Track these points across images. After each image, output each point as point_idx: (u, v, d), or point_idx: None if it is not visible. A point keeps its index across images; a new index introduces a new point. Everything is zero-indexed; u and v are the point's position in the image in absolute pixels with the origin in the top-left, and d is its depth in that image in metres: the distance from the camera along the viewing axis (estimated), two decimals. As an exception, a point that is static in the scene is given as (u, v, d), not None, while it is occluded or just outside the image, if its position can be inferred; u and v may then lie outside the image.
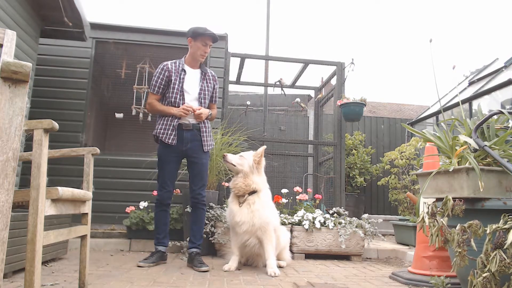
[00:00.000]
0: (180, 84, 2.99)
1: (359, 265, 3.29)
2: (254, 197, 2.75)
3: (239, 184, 2.77)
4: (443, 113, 4.03)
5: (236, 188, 2.79)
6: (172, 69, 3.01)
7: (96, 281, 2.20)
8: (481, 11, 64.96)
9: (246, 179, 2.77)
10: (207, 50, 3.05)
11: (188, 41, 3.05)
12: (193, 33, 3.00)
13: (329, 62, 4.81)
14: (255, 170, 2.81)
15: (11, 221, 1.25)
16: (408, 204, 5.15)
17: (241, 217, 2.71)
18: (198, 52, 3.02)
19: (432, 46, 2.32)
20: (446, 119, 2.38)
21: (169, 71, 3.00)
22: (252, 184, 2.76)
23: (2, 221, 1.04)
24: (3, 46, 1.36)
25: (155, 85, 3.03)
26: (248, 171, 2.78)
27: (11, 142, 1.07)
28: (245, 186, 2.76)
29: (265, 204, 2.76)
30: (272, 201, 3.04)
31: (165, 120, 2.99)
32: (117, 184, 4.43)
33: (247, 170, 2.78)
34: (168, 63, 3.06)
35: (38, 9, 3.74)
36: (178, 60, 3.10)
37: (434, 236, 1.82)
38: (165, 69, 3.02)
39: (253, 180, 2.77)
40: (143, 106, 5.25)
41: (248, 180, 2.77)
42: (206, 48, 3.03)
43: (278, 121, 6.84)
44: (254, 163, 2.81)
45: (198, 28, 3.00)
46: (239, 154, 2.90)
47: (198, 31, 2.99)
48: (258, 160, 2.82)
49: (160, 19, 60.24)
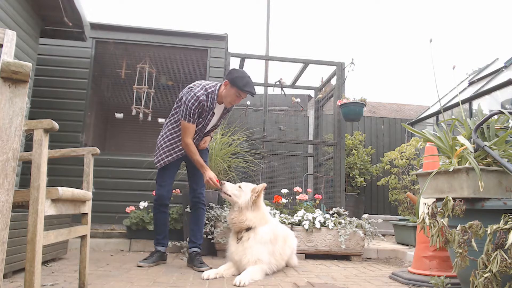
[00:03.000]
0: (205, 124, 2.94)
1: (359, 265, 3.29)
2: (249, 233, 2.63)
3: (234, 219, 2.66)
4: (443, 113, 4.03)
5: (231, 224, 2.70)
6: (205, 107, 2.86)
7: (96, 281, 2.20)
8: (481, 11, 64.97)
9: (240, 214, 2.64)
10: (237, 101, 2.91)
11: (224, 83, 2.86)
12: (232, 80, 2.81)
13: (329, 62, 4.81)
14: (250, 207, 2.66)
15: (11, 221, 1.25)
16: (408, 204, 5.15)
17: (235, 254, 2.61)
18: (229, 99, 2.88)
19: (432, 46, 2.32)
20: (446, 119, 2.38)
21: (203, 109, 2.86)
22: (245, 221, 2.62)
23: (2, 221, 1.04)
24: (3, 46, 1.36)
25: (191, 117, 2.82)
26: (243, 207, 2.65)
27: (11, 142, 1.07)
28: (239, 223, 2.64)
29: (259, 241, 2.60)
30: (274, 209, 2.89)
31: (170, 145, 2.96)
32: (117, 184, 4.43)
33: (242, 205, 2.65)
34: (203, 97, 2.82)
35: (38, 9, 3.74)
36: (212, 94, 2.87)
37: (435, 237, 1.82)
38: (201, 105, 2.83)
39: (247, 216, 2.63)
40: (143, 106, 5.25)
41: (242, 216, 2.64)
42: (238, 99, 2.89)
43: (278, 121, 6.84)
44: (250, 200, 2.67)
45: (240, 78, 2.81)
46: (238, 184, 2.78)
47: (238, 82, 2.80)
48: (255, 198, 2.68)
49: (160, 19, 60.25)
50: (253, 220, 2.64)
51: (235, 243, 2.64)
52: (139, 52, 5.15)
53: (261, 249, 2.58)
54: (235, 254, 2.61)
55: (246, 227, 2.63)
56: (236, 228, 2.67)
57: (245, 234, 2.63)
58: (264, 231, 2.64)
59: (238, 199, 2.68)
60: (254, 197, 2.67)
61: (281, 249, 2.78)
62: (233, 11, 55.40)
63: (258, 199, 2.70)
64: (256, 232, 2.62)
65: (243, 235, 2.63)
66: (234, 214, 2.67)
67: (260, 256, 2.55)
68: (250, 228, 2.63)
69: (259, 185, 2.72)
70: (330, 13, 61.50)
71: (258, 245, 2.58)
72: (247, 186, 2.73)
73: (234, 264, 2.62)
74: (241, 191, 2.71)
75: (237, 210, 2.67)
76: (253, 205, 2.67)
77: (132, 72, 5.26)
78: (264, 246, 2.61)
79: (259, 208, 2.71)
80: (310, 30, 53.47)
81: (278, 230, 2.82)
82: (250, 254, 2.54)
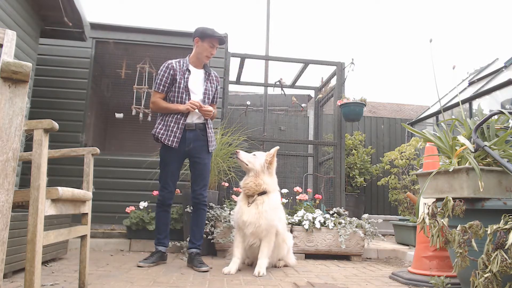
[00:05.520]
0: (185, 84, 2.97)
1: (359, 265, 3.29)
2: (263, 197, 2.71)
3: (250, 183, 2.73)
4: (443, 113, 4.03)
5: (246, 188, 2.75)
6: (177, 68, 2.98)
7: (96, 281, 2.20)
8: (481, 11, 64.97)
9: (257, 178, 2.73)
10: (213, 52, 3.02)
11: (195, 41, 3.01)
12: (201, 33, 2.97)
13: (329, 62, 4.80)
14: (266, 170, 2.76)
15: (11, 221, 1.25)
16: (408, 204, 5.15)
17: (249, 217, 2.66)
18: (204, 53, 3.00)
19: (432, 46, 2.32)
20: (446, 119, 2.38)
21: (174, 69, 2.97)
22: (262, 184, 2.72)
23: (2, 221, 1.03)
24: (3, 46, 1.36)
25: (160, 83, 2.98)
26: (259, 171, 2.75)
27: (11, 142, 1.07)
28: (255, 186, 2.72)
29: (273, 206, 2.71)
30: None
31: (166, 121, 2.96)
32: (117, 184, 4.42)
33: (259, 169, 2.75)
34: (172, 61, 3.02)
35: (38, 9, 3.73)
36: (182, 59, 3.07)
37: (435, 237, 1.82)
38: (170, 67, 2.98)
39: (264, 180, 2.73)
40: (143, 106, 5.25)
41: (258, 179, 2.73)
42: (212, 50, 3.01)
43: (278, 121, 6.84)
44: (265, 163, 2.77)
45: (207, 29, 2.97)
46: (253, 153, 2.86)
47: (207, 32, 2.96)
48: (270, 160, 2.78)
49: (160, 19, 60.24)
50: (269, 185, 2.76)
51: (246, 206, 2.72)
52: (139, 52, 5.14)
53: (274, 214, 2.71)
54: (247, 216, 2.67)
55: (262, 190, 2.73)
56: (250, 192, 2.74)
57: (259, 198, 2.72)
58: (277, 197, 2.80)
59: (254, 166, 2.78)
60: (269, 159, 2.78)
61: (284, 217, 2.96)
62: (233, 11, 55.41)
63: (272, 164, 2.81)
64: (270, 197, 2.74)
65: (257, 199, 2.71)
66: (250, 179, 2.77)
67: (273, 222, 2.70)
68: (264, 192, 2.73)
69: (272, 149, 2.84)
70: (330, 13, 61.52)
71: (272, 210, 2.70)
72: (260, 153, 2.86)
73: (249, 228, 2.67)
74: (256, 158, 2.81)
75: (253, 175, 2.77)
76: (268, 169, 2.79)
77: (132, 72, 5.26)
78: (276, 211, 2.74)
79: (272, 174, 2.82)
80: (310, 30, 53.49)
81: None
82: (264, 218, 2.65)
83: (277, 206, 2.77)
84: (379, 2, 57.63)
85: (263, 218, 2.64)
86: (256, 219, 2.65)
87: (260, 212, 2.65)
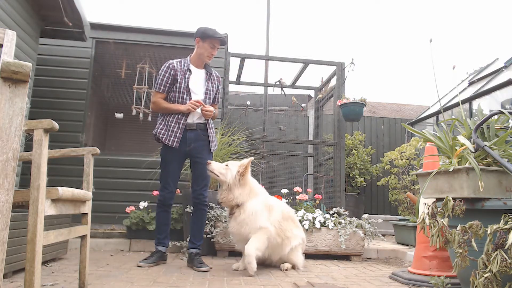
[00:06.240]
0: (186, 84, 2.96)
1: (359, 265, 3.29)
2: (240, 209, 2.70)
3: (223, 198, 2.72)
4: (443, 113, 4.03)
5: (222, 202, 2.77)
6: (177, 68, 2.98)
7: (96, 281, 2.20)
8: (481, 11, 64.98)
9: (228, 193, 2.69)
10: (214, 52, 3.02)
11: (196, 41, 3.02)
12: (202, 33, 2.97)
13: (329, 62, 4.81)
14: (238, 183, 2.68)
15: (11, 221, 1.25)
16: (408, 204, 5.15)
17: (231, 228, 2.74)
18: (205, 53, 3.00)
19: (432, 46, 2.32)
20: (446, 119, 2.38)
21: (175, 69, 2.97)
22: (234, 199, 2.67)
23: (2, 221, 1.04)
24: (3, 46, 1.36)
25: (161, 84, 2.98)
26: (231, 184, 2.68)
27: (11, 142, 1.07)
28: (227, 201, 2.71)
29: (251, 213, 2.66)
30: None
31: (167, 121, 2.95)
32: (117, 184, 4.43)
33: (230, 182, 2.69)
34: (173, 61, 3.02)
35: (38, 9, 3.74)
36: (183, 59, 3.07)
37: (435, 237, 1.82)
38: (171, 67, 2.98)
39: (235, 194, 2.67)
40: (143, 106, 5.25)
41: (230, 194, 2.68)
42: (213, 50, 3.01)
43: (278, 121, 6.84)
44: (237, 175, 2.69)
45: (208, 29, 2.97)
46: (225, 163, 2.81)
47: (208, 32, 2.95)
48: (243, 172, 2.70)
49: (160, 19, 60.27)
50: (240, 197, 2.70)
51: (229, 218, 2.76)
52: (139, 52, 5.14)
53: (255, 219, 2.65)
54: (232, 228, 2.74)
55: (235, 204, 2.70)
56: (225, 205, 2.77)
57: (236, 210, 2.72)
58: (253, 204, 2.71)
59: (225, 178, 2.72)
60: (242, 170, 2.70)
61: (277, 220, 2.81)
62: (233, 11, 55.42)
63: (245, 174, 2.73)
64: (246, 207, 2.69)
65: (235, 211, 2.72)
66: (224, 193, 2.73)
67: (258, 224, 2.65)
68: (239, 204, 2.70)
69: (244, 160, 2.77)
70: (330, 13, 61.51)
71: (250, 217, 2.65)
72: (233, 164, 2.77)
73: (234, 238, 2.76)
74: (228, 169, 2.74)
75: (226, 189, 2.73)
76: (241, 180, 2.71)
77: (132, 72, 5.26)
78: (258, 215, 2.67)
79: (246, 183, 2.74)
80: (310, 30, 53.49)
81: (273, 202, 2.90)
82: (245, 228, 2.65)
83: (257, 211, 2.67)
84: (379, 2, 57.64)
85: (243, 228, 2.67)
86: (237, 230, 2.70)
87: (239, 223, 2.67)
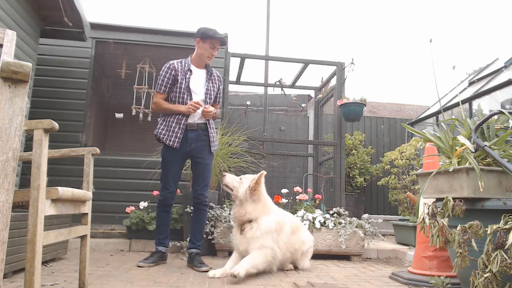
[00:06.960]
0: (186, 84, 2.96)
1: (359, 265, 3.29)
2: (252, 224, 2.62)
3: (236, 214, 2.66)
4: (443, 113, 4.03)
5: (234, 217, 2.72)
6: (178, 69, 2.98)
7: (96, 281, 2.20)
8: (481, 11, 64.98)
9: (240, 208, 2.64)
10: (214, 53, 3.02)
11: (196, 41, 3.02)
12: (202, 34, 2.97)
13: (329, 62, 4.80)
14: (250, 198, 2.63)
15: (11, 221, 1.25)
16: (408, 204, 5.14)
17: (240, 242, 2.65)
18: (206, 53, 3.00)
19: (432, 46, 2.32)
20: (446, 119, 2.38)
21: (176, 70, 2.97)
22: (246, 214, 2.61)
23: (2, 221, 1.03)
24: (3, 46, 1.36)
25: (162, 84, 2.98)
26: (243, 199, 2.64)
27: (11, 142, 1.07)
28: (239, 216, 2.64)
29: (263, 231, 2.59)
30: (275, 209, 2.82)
31: (168, 122, 2.96)
32: (117, 184, 4.43)
33: (242, 198, 2.64)
34: (174, 62, 3.02)
35: (38, 9, 3.74)
36: (184, 60, 3.07)
37: (435, 237, 1.82)
38: (171, 68, 2.98)
39: (247, 210, 2.61)
40: (143, 106, 5.25)
41: (242, 210, 2.63)
42: (213, 50, 3.01)
43: (278, 121, 6.83)
44: (248, 190, 2.63)
45: (208, 29, 2.97)
46: (240, 176, 2.75)
47: (208, 33, 2.95)
48: (253, 187, 2.63)
49: (160, 19, 60.26)
50: (253, 213, 2.62)
51: (239, 234, 2.65)
52: (139, 52, 5.14)
53: (264, 238, 2.57)
54: (240, 245, 2.64)
55: (247, 220, 2.63)
56: (238, 222, 2.68)
57: (247, 226, 2.62)
58: (267, 221, 2.63)
59: (237, 192, 2.67)
60: (253, 185, 2.63)
61: (286, 238, 2.74)
62: (233, 11, 55.42)
63: (257, 189, 2.65)
64: (259, 223, 2.61)
65: (246, 227, 2.62)
66: (236, 208, 2.68)
67: (263, 244, 2.56)
68: (251, 220, 2.62)
69: (257, 175, 2.68)
70: (330, 13, 61.53)
71: (261, 235, 2.57)
72: (247, 178, 2.71)
73: (240, 255, 2.64)
74: (241, 183, 2.69)
75: (238, 204, 2.67)
76: (253, 195, 2.64)
77: (132, 72, 5.26)
78: (267, 235, 2.59)
79: (259, 199, 2.66)
80: (310, 30, 53.50)
81: (285, 220, 2.80)
82: (253, 244, 2.55)
83: (268, 231, 2.60)
84: (379, 2, 57.64)
85: (252, 244, 2.57)
86: (245, 245, 2.61)
87: (248, 240, 2.59)
